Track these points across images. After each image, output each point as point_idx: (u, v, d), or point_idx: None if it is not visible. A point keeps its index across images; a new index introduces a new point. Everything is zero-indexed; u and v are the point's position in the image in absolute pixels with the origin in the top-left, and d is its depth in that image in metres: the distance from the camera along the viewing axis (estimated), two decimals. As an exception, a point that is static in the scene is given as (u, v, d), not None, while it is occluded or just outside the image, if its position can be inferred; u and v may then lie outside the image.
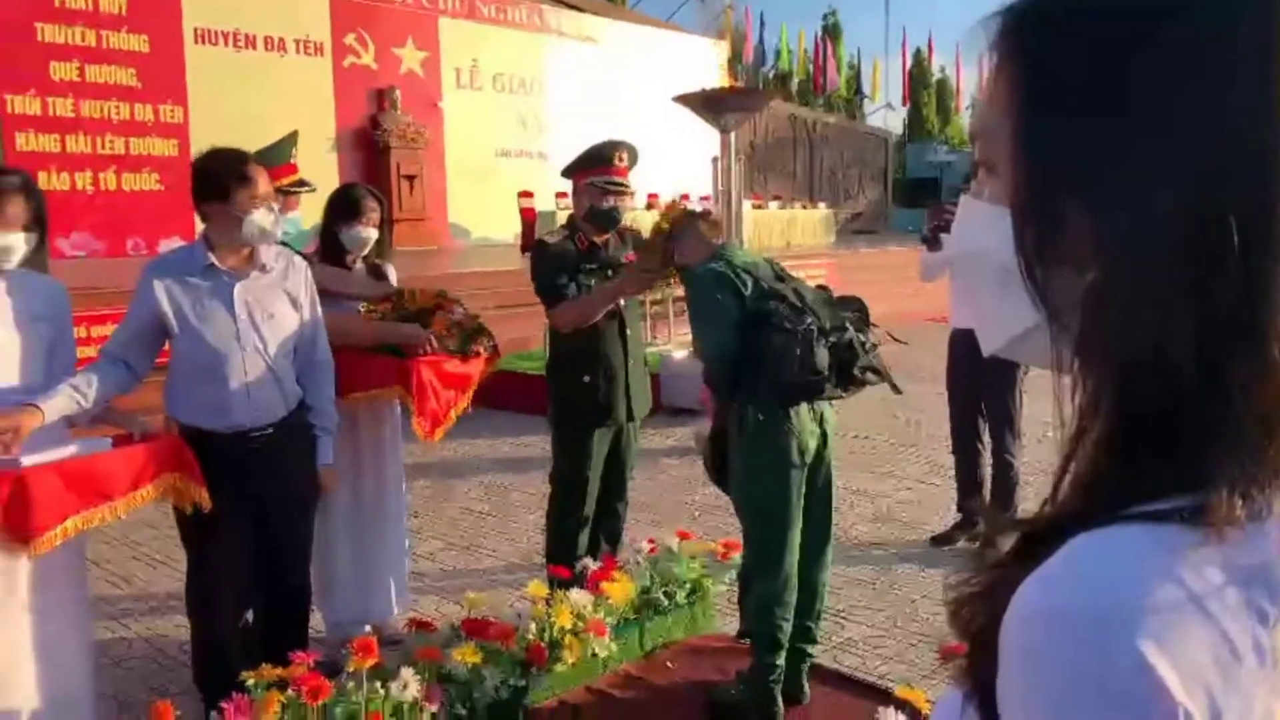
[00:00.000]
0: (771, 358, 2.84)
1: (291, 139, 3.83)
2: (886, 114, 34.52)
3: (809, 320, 2.87)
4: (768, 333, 2.86)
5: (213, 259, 2.89)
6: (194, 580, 3.03)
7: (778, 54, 30.36)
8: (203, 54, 12.47)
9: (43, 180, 10.49)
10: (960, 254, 0.68)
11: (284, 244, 3.53)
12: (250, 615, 3.16)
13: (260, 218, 2.85)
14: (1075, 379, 0.55)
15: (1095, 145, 0.53)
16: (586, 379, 3.65)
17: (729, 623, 3.88)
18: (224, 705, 2.53)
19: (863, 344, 2.96)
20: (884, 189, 27.95)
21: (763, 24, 30.43)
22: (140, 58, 11.81)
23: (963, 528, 4.78)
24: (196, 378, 2.89)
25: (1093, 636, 0.47)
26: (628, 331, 3.73)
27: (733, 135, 7.86)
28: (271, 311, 2.98)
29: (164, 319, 2.84)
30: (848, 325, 2.96)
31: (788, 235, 18.30)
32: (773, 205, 18.78)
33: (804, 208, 20.03)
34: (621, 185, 3.65)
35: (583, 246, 3.66)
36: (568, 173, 3.73)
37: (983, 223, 0.62)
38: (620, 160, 3.63)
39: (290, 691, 2.60)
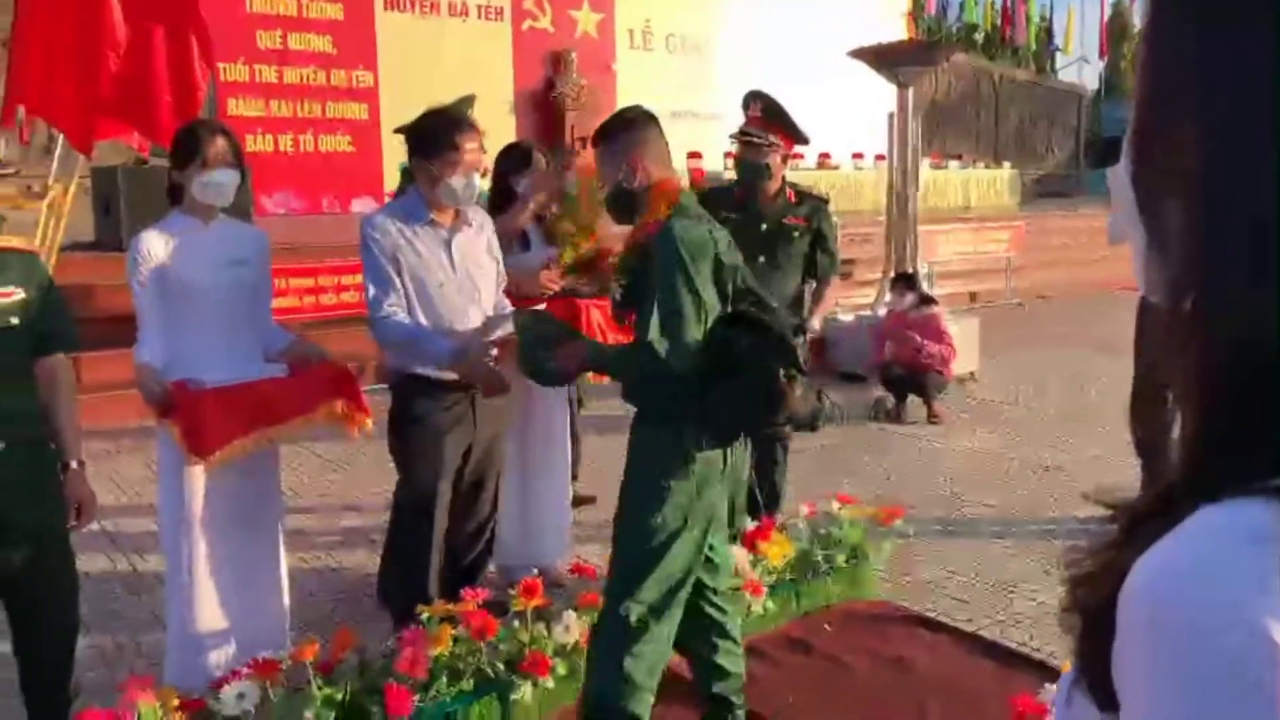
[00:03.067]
0: (748, 392, 2.30)
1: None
2: (1081, 68, 32.23)
3: (800, 349, 2.34)
4: (752, 358, 2.28)
5: (432, 213, 3.05)
6: (405, 510, 3.18)
7: (963, 5, 28.86)
8: (391, 21, 13.01)
9: (249, 142, 11.29)
10: (1119, 196, 0.65)
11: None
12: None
13: (456, 183, 2.99)
14: (1184, 331, 0.51)
15: (1219, 62, 0.49)
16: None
17: (889, 589, 3.82)
18: (401, 634, 2.71)
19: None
20: (1075, 148, 26.23)
21: (948, -26, 28.95)
22: (336, 25, 12.45)
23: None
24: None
25: (1213, 617, 0.45)
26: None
27: (910, 91, 7.57)
28: (480, 264, 3.16)
29: (399, 267, 3.00)
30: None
31: (968, 196, 17.50)
32: (953, 165, 17.97)
33: (987, 167, 19.09)
34: (748, 135, 3.64)
35: (738, 198, 3.69)
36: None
37: None
38: (752, 110, 3.63)
39: (460, 627, 2.76)
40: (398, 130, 3.28)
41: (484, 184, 3.97)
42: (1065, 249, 14.14)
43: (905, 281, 6.80)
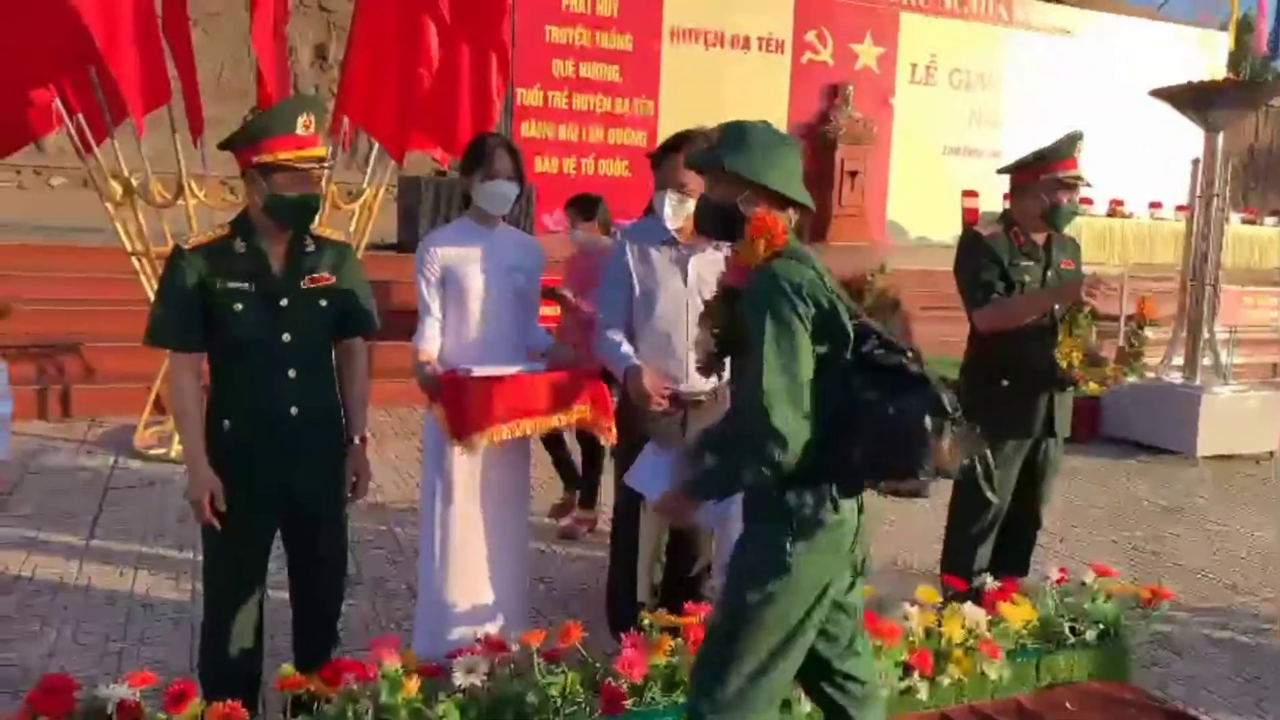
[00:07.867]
0: (888, 433, 1.95)
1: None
2: None
3: (934, 385, 1.95)
4: (888, 393, 1.96)
5: (674, 231, 3.15)
6: (624, 520, 3.28)
7: (1298, 45, 25.83)
8: (676, 51, 13.51)
9: (537, 163, 12.09)
10: None
11: None
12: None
13: (658, 200, 3.11)
14: None
15: None
16: (1005, 383, 3.44)
17: (1146, 678, 3.47)
18: (624, 636, 2.79)
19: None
20: None
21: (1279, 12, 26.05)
22: (624, 55, 13.11)
23: None
24: (644, 341, 3.14)
25: None
26: (1059, 338, 3.47)
27: (1220, 136, 6.89)
28: (713, 284, 3.20)
29: (632, 282, 3.13)
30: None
31: (1286, 258, 15.67)
32: (1270, 221, 16.15)
33: (1313, 226, 16.97)
34: (1079, 178, 3.43)
35: (1018, 242, 3.48)
36: (1014, 170, 3.53)
37: None
38: (1078, 150, 3.41)
39: (679, 639, 2.80)
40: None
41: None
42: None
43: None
